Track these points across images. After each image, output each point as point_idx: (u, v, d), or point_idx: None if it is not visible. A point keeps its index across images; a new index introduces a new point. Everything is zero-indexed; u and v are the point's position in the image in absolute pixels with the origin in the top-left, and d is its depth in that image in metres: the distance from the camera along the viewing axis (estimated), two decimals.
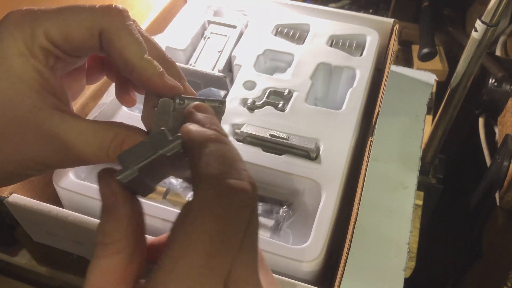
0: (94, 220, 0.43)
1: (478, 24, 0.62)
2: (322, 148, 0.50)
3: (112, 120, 0.52)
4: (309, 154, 0.49)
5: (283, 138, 0.50)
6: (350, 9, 1.18)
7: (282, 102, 0.55)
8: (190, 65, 0.61)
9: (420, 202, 0.74)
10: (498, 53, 0.93)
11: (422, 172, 0.86)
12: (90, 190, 0.46)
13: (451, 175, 0.92)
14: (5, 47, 0.26)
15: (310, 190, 0.47)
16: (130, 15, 0.29)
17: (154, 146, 0.24)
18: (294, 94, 0.56)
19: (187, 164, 0.23)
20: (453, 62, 1.04)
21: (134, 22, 0.29)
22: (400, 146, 0.61)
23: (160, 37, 0.63)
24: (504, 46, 0.94)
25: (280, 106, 0.54)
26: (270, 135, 0.50)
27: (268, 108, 0.54)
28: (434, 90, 0.71)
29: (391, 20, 0.65)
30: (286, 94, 0.56)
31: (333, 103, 0.62)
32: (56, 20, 0.27)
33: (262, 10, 0.68)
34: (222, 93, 0.56)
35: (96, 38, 0.28)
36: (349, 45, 0.63)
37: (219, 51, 0.62)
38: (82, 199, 0.46)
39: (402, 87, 0.69)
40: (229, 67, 0.62)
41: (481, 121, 0.92)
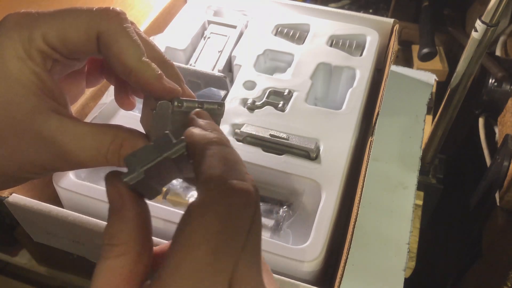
0: (94, 220, 0.43)
1: (478, 24, 0.62)
2: (322, 148, 0.50)
3: (112, 120, 0.52)
4: (309, 154, 0.49)
5: (283, 138, 0.50)
6: (350, 9, 1.18)
7: (282, 102, 0.55)
8: (190, 65, 0.61)
9: (420, 202, 0.74)
10: (498, 53, 0.93)
11: (422, 172, 0.86)
12: (90, 190, 0.46)
13: (451, 175, 0.92)
14: (2, 50, 0.26)
15: (310, 190, 0.47)
16: (128, 17, 0.29)
17: (159, 149, 0.24)
18: (294, 94, 0.56)
19: (192, 167, 0.24)
20: (453, 62, 1.04)
21: (132, 24, 0.29)
22: (400, 146, 0.61)
23: (160, 37, 0.63)
24: (504, 46, 0.94)
25: (280, 106, 0.54)
26: (270, 135, 0.50)
27: (268, 108, 0.54)
28: (434, 90, 0.71)
29: (391, 20, 0.65)
30: (286, 94, 0.56)
31: (333, 103, 0.62)
32: (53, 23, 0.27)
33: (262, 10, 0.68)
34: (222, 93, 0.56)
35: (93, 41, 0.28)
36: (349, 45, 0.63)
37: (219, 51, 0.62)
38: (82, 199, 0.46)
39: (402, 87, 0.69)
40: (229, 67, 0.62)
41: (481, 121, 0.92)
